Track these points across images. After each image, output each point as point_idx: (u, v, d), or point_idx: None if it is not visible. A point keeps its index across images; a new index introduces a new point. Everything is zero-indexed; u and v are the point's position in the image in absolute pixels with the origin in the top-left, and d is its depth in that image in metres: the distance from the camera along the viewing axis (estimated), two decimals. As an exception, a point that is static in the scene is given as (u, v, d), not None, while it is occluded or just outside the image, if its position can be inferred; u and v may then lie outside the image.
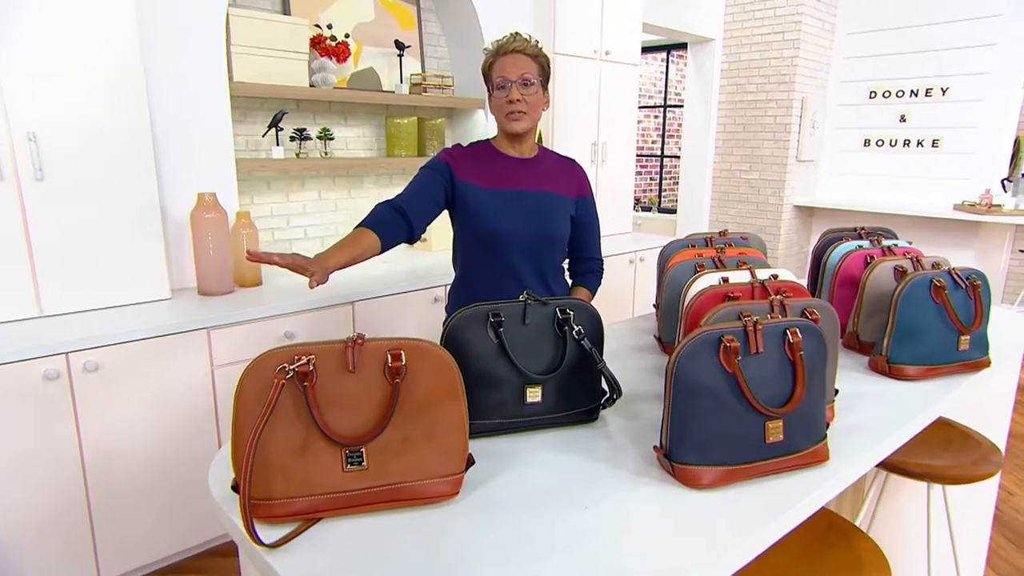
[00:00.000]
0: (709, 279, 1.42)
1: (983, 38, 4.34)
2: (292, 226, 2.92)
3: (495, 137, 1.68)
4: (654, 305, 2.00)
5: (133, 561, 2.03)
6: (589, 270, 1.83)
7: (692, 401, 0.99)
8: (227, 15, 2.40)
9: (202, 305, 2.20)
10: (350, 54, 2.88)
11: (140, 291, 2.17)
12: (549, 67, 1.61)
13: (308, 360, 0.89)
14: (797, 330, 1.03)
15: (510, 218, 1.60)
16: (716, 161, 5.25)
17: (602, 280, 1.87)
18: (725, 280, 1.41)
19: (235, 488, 0.90)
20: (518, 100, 1.53)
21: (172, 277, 2.34)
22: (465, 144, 1.68)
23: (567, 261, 1.84)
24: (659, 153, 7.29)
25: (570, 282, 1.86)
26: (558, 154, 1.75)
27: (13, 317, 1.93)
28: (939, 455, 1.46)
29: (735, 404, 0.99)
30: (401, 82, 3.06)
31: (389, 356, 0.92)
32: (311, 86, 2.72)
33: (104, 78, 1.98)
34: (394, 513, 0.93)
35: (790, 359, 1.03)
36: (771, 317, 1.10)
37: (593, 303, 1.77)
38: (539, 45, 1.58)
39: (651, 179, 7.25)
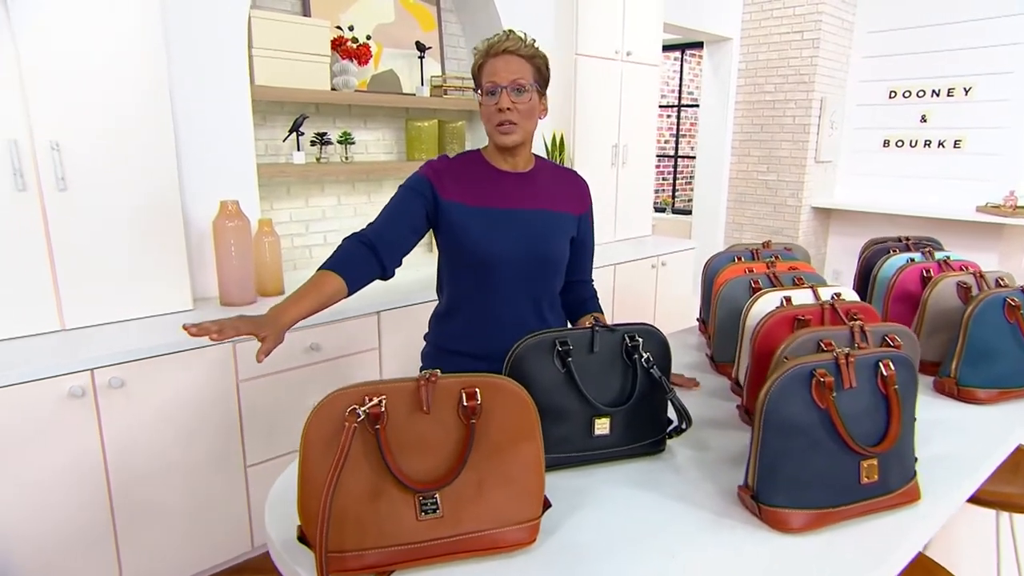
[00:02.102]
0: (771, 300, 1.36)
1: (1007, 37, 4.26)
2: (312, 232, 2.86)
3: (486, 148, 1.48)
4: (699, 319, 1.94)
5: (158, 582, 1.97)
6: (591, 295, 1.63)
7: (783, 440, 0.93)
8: (248, 17, 2.33)
9: (225, 316, 2.13)
10: (371, 56, 2.81)
11: (163, 302, 2.11)
12: (548, 69, 1.40)
13: (380, 401, 0.82)
14: (890, 362, 0.97)
15: (502, 241, 1.39)
16: (732, 162, 5.17)
17: None
18: (788, 300, 1.35)
19: (301, 539, 0.84)
20: (508, 109, 1.33)
21: (194, 287, 2.27)
22: (452, 155, 1.48)
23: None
24: (673, 153, 7.22)
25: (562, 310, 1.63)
26: (558, 166, 1.57)
27: (35, 331, 1.87)
28: (1011, 481, 1.40)
29: (828, 443, 0.93)
30: (422, 84, 2.99)
31: (463, 394, 0.86)
32: (332, 89, 2.65)
33: (128, 85, 1.91)
34: (469, 563, 0.87)
35: (883, 393, 0.97)
36: (860, 347, 1.03)
37: (611, 309, 1.65)
38: (535, 44, 1.38)
39: (664, 179, 7.17)
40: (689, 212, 6.44)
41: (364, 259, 1.32)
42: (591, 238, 1.61)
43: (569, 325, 1.63)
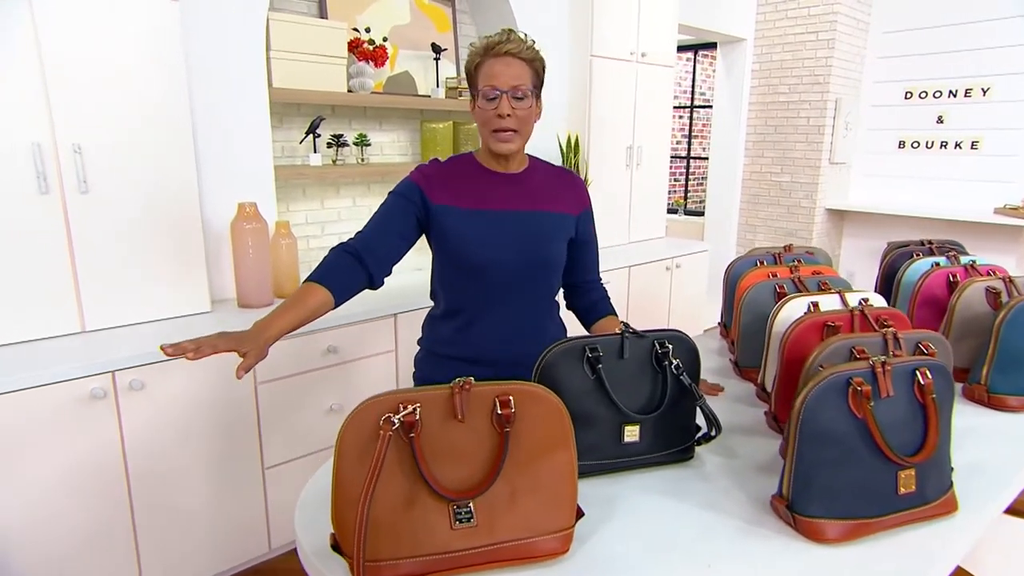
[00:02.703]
0: (798, 306, 1.34)
1: (1025, 37, 4.22)
2: (327, 233, 2.86)
3: (478, 150, 1.43)
4: (721, 323, 1.92)
5: (177, 583, 1.98)
6: (601, 295, 1.58)
7: (819, 450, 0.91)
8: (267, 19, 2.33)
9: (243, 319, 2.13)
10: (387, 58, 2.81)
11: (181, 304, 2.11)
12: (544, 71, 1.36)
13: (414, 409, 0.82)
14: (927, 370, 0.95)
15: (495, 244, 1.35)
16: (746, 163, 5.14)
17: None
18: (815, 306, 1.34)
19: (335, 547, 0.84)
20: (508, 115, 1.28)
21: (211, 289, 2.27)
22: (444, 159, 1.44)
23: (566, 287, 1.58)
24: (685, 154, 7.19)
25: (564, 309, 1.59)
26: (552, 165, 1.51)
27: (57, 333, 1.87)
28: (1041, 490, 1.38)
29: (865, 452, 0.92)
30: (437, 86, 2.99)
31: (497, 402, 0.85)
32: (348, 91, 2.65)
33: (147, 88, 1.92)
34: (503, 572, 0.86)
35: (920, 402, 0.96)
36: (895, 355, 1.02)
37: (625, 312, 1.60)
38: (535, 45, 1.33)
39: (676, 180, 7.14)
40: (701, 213, 6.42)
41: (350, 269, 1.29)
42: (594, 237, 1.56)
43: (580, 329, 1.59)
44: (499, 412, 0.85)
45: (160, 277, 2.04)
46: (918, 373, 0.95)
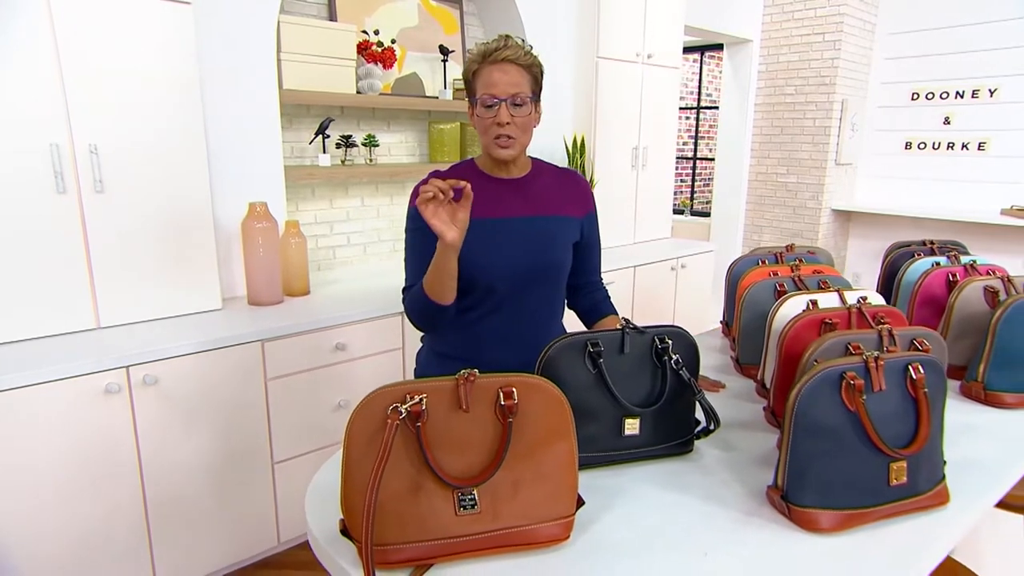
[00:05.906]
0: (797, 304, 1.37)
1: (1033, 38, 4.22)
2: (335, 233, 2.90)
3: (479, 156, 1.43)
4: (722, 322, 1.95)
5: (190, 573, 2.02)
6: (603, 296, 1.58)
7: (813, 441, 0.94)
8: (278, 22, 2.37)
9: (254, 316, 2.18)
10: (396, 59, 2.85)
11: (193, 302, 2.16)
12: (542, 76, 1.35)
13: (420, 399, 0.85)
14: (920, 365, 0.98)
15: (496, 253, 1.34)
16: (752, 164, 5.16)
17: None
18: (814, 303, 1.37)
19: (344, 532, 0.87)
20: (508, 123, 1.28)
21: (222, 287, 2.32)
22: (444, 169, 1.42)
23: (569, 288, 1.57)
24: (691, 155, 7.20)
25: (567, 310, 1.58)
26: (556, 167, 1.49)
27: (72, 329, 1.92)
28: (1038, 486, 1.40)
29: (858, 444, 0.94)
30: (445, 87, 3.02)
31: (501, 394, 0.89)
32: (357, 92, 2.69)
33: (162, 90, 1.96)
34: (505, 558, 0.89)
35: (912, 396, 0.98)
36: (889, 350, 1.05)
37: (631, 311, 1.59)
38: (533, 51, 1.33)
39: (682, 181, 7.16)
40: (708, 214, 6.44)
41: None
42: (597, 238, 1.55)
43: (579, 328, 1.58)
44: (502, 403, 0.88)
45: (172, 275, 2.09)
46: (910, 368, 0.98)
